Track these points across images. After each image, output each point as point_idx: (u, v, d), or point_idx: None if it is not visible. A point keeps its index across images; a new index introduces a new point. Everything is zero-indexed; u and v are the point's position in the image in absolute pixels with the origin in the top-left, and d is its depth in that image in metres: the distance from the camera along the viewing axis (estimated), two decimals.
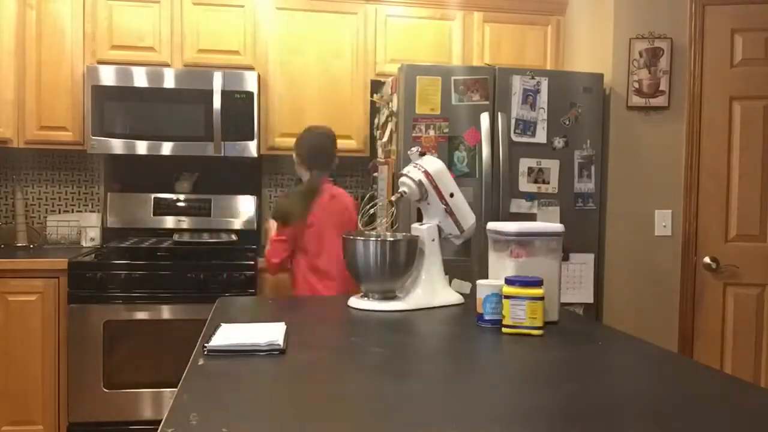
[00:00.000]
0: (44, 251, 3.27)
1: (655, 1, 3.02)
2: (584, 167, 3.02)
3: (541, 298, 1.60)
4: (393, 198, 2.01)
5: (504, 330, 1.61)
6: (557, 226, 1.80)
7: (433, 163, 2.01)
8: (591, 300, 3.03)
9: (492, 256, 1.83)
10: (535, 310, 1.59)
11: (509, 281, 1.63)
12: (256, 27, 3.38)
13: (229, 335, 1.47)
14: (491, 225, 1.83)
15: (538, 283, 1.62)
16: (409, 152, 2.08)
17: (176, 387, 1.18)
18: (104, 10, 3.25)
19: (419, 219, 2.11)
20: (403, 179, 2.01)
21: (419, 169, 1.99)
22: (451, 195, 1.99)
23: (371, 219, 2.19)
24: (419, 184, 1.97)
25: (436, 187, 1.98)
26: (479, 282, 1.70)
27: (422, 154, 2.05)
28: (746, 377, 2.83)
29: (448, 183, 2.00)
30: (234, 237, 3.48)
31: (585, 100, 3.01)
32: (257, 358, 1.37)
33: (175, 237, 3.44)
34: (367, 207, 2.15)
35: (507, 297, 1.60)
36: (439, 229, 2.01)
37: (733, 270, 2.97)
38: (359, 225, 2.15)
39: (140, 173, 3.56)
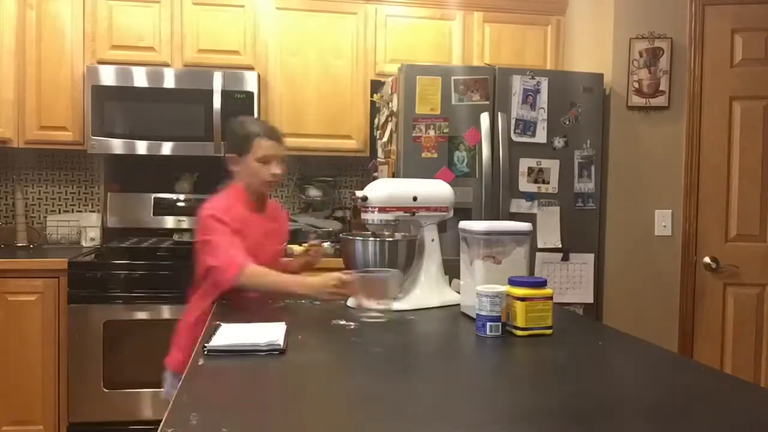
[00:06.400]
0: (44, 251, 3.27)
1: (655, 1, 3.02)
2: (584, 167, 3.02)
3: (551, 298, 1.60)
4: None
5: (518, 333, 1.59)
6: (525, 225, 1.77)
7: (378, 192, 1.94)
8: (591, 300, 3.03)
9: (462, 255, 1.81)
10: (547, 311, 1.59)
11: (515, 282, 1.62)
12: (256, 27, 3.37)
13: (229, 335, 1.47)
14: (462, 224, 1.82)
15: (544, 283, 1.62)
16: (357, 196, 1.98)
17: None
18: (104, 10, 3.25)
19: None
20: (371, 229, 1.96)
21: (374, 210, 1.92)
22: (414, 198, 1.95)
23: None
24: (386, 222, 1.92)
25: (398, 209, 1.93)
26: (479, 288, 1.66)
27: (364, 199, 1.95)
28: (746, 377, 2.83)
29: (404, 194, 1.94)
30: None
31: (585, 100, 3.01)
32: (257, 358, 1.37)
33: (175, 237, 3.43)
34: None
35: (519, 299, 1.59)
36: (438, 226, 2.01)
37: (733, 270, 2.97)
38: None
39: (140, 173, 3.56)
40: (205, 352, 1.37)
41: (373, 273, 1.83)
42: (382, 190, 1.95)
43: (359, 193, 1.94)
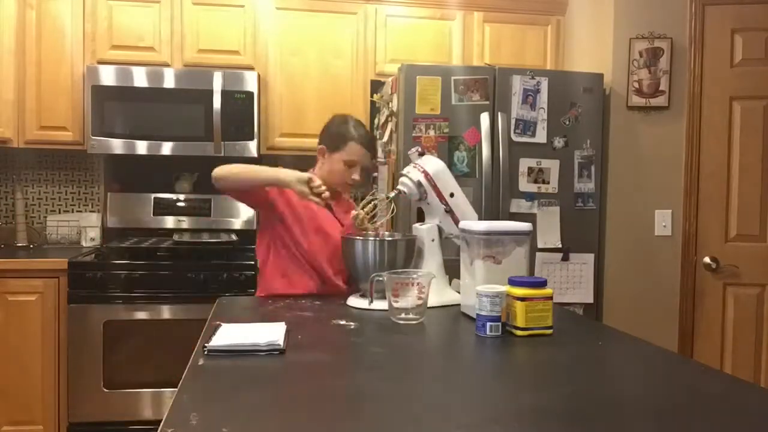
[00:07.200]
0: (44, 251, 3.27)
1: (655, 1, 3.02)
2: (584, 167, 3.02)
3: (551, 298, 1.60)
4: (390, 195, 2.01)
5: (518, 333, 1.58)
6: (525, 225, 1.78)
7: (432, 164, 2.01)
8: (591, 300, 3.03)
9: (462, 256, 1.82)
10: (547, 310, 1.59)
11: (515, 282, 1.62)
12: (256, 27, 3.38)
13: (229, 335, 1.47)
14: (462, 224, 1.84)
15: (544, 283, 1.62)
16: (409, 152, 2.08)
17: (176, 387, 1.18)
18: (104, 10, 3.25)
19: (420, 219, 2.11)
20: (402, 179, 2.01)
21: (418, 169, 1.99)
22: (452, 195, 2.00)
23: (372, 217, 2.18)
24: (418, 184, 1.98)
25: (435, 188, 1.98)
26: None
27: (422, 154, 2.05)
28: (746, 377, 2.83)
29: (448, 183, 2.00)
30: (234, 237, 3.48)
31: (585, 100, 3.01)
32: (257, 358, 1.37)
33: (175, 237, 3.43)
34: (369, 206, 2.15)
35: (519, 299, 1.59)
36: (440, 229, 2.01)
37: (733, 270, 2.97)
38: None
39: (140, 173, 3.56)
40: (205, 352, 1.38)
41: (406, 273, 1.79)
42: (439, 162, 2.03)
43: (419, 149, 2.06)
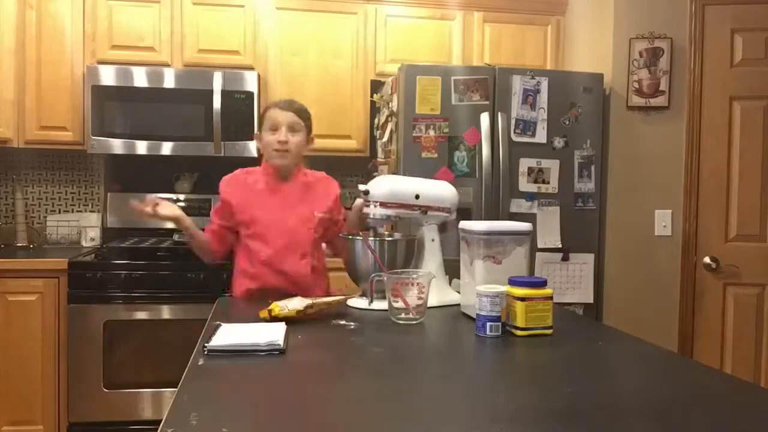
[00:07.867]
0: (44, 251, 3.27)
1: (655, 1, 3.03)
2: (584, 167, 3.02)
3: (551, 298, 1.60)
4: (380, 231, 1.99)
5: (518, 333, 1.58)
6: (525, 225, 1.77)
7: (380, 188, 1.96)
8: (591, 300, 3.03)
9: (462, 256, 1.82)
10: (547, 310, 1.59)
11: (515, 282, 1.62)
12: (256, 27, 3.38)
13: (229, 335, 1.47)
14: (462, 224, 1.83)
15: (544, 283, 1.62)
16: (360, 189, 2.00)
17: (176, 387, 1.18)
18: (104, 10, 3.25)
19: None
20: (369, 222, 1.98)
21: (375, 205, 1.94)
22: (417, 196, 1.97)
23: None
24: (386, 218, 1.95)
25: (400, 205, 1.95)
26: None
27: (366, 192, 1.97)
28: (746, 377, 2.83)
29: (406, 191, 1.96)
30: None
31: (585, 100, 3.01)
32: (257, 358, 1.37)
33: (175, 237, 3.43)
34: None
35: (519, 299, 1.59)
36: (440, 228, 2.01)
37: (733, 270, 2.97)
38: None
39: (140, 173, 3.56)
40: (205, 352, 1.38)
41: (406, 273, 1.79)
42: (383, 185, 1.97)
43: (362, 187, 1.97)
